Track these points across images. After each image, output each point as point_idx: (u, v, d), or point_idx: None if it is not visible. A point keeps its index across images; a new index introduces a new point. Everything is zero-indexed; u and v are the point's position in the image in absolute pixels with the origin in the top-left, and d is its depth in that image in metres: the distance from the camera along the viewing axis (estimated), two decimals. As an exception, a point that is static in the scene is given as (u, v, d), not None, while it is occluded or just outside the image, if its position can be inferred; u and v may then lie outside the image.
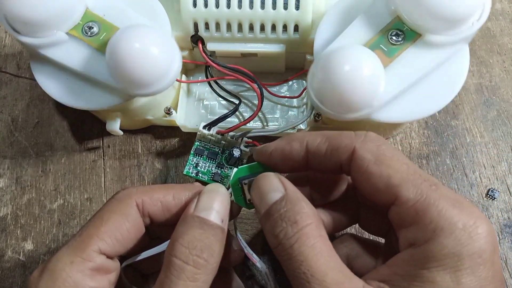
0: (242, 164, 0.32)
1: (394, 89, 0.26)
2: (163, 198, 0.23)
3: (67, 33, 0.28)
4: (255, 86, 0.32)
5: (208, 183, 0.31)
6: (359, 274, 0.19)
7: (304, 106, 0.36)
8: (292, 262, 0.18)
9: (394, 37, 0.27)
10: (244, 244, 0.26)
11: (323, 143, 0.22)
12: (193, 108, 0.36)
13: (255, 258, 0.26)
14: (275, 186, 0.21)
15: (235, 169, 0.31)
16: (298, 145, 0.22)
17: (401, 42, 0.26)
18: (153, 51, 0.26)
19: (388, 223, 0.24)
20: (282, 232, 0.19)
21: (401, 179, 0.19)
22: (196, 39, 0.32)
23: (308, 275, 0.18)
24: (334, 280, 0.18)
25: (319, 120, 0.33)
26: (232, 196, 0.24)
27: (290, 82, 0.36)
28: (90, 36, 0.28)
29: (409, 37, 0.26)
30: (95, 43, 0.28)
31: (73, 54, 0.28)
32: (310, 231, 0.19)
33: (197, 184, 0.25)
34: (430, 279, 0.18)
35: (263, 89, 0.33)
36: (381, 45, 0.27)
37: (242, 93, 0.36)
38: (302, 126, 0.34)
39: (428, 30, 0.26)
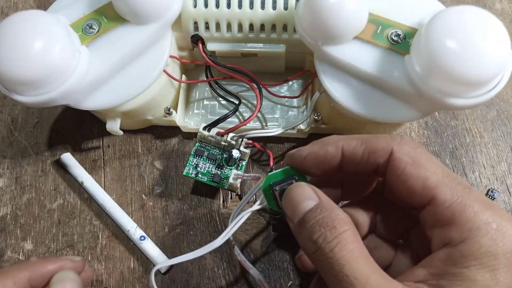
0: (241, 165, 0.32)
1: (342, 55, 0.26)
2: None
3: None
4: (254, 86, 0.32)
5: (207, 184, 0.32)
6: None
7: (304, 106, 0.36)
8: (334, 266, 0.19)
9: (394, 36, 0.27)
10: (237, 251, 0.26)
11: (359, 147, 0.22)
12: (193, 108, 0.36)
13: (248, 265, 0.26)
14: (308, 195, 0.21)
15: (234, 171, 0.32)
16: (334, 149, 0.22)
17: (392, 43, 0.27)
18: None
19: (406, 225, 0.25)
20: (321, 237, 0.19)
21: (437, 181, 0.20)
22: (196, 39, 0.32)
23: (351, 278, 0.18)
24: (376, 282, 0.18)
25: (319, 120, 0.33)
26: (265, 201, 0.24)
27: (290, 82, 0.36)
28: (98, 31, 0.28)
29: (401, 47, 0.27)
30: (109, 26, 0.28)
31: (108, 49, 0.28)
32: (348, 236, 0.19)
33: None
34: (471, 277, 0.18)
35: (263, 89, 0.33)
36: (380, 26, 0.27)
37: (242, 93, 0.36)
38: (302, 126, 0.34)
39: (415, 59, 0.26)
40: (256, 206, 0.25)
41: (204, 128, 0.32)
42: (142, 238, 0.32)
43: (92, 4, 0.29)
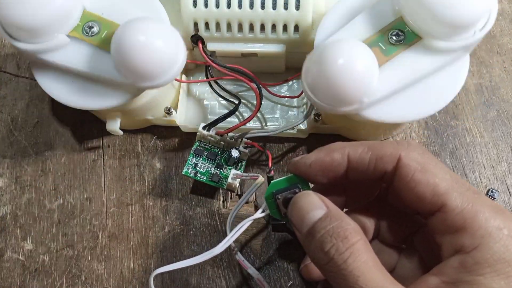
0: (240, 165, 0.32)
1: (387, 88, 0.26)
2: None
3: (67, 35, 0.28)
4: (254, 86, 0.32)
5: (207, 184, 0.32)
6: None
7: (304, 106, 0.36)
8: (348, 278, 0.18)
9: (394, 37, 0.27)
10: (236, 251, 0.26)
11: (366, 153, 0.22)
12: (193, 108, 0.36)
13: (246, 265, 0.26)
14: (316, 204, 0.21)
15: (233, 170, 0.32)
16: (340, 156, 0.22)
17: (401, 42, 0.26)
18: (158, 43, 0.26)
19: (410, 230, 0.24)
20: (333, 248, 0.19)
21: (447, 187, 0.20)
22: (196, 39, 0.32)
23: None
24: None
25: (319, 120, 0.33)
26: (268, 209, 0.24)
27: (290, 82, 0.36)
28: (91, 36, 0.28)
29: (409, 38, 0.26)
30: (97, 41, 0.28)
31: (76, 55, 0.28)
32: (361, 247, 0.19)
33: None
34: (486, 285, 0.18)
35: (263, 89, 0.33)
36: (380, 43, 0.27)
37: (242, 93, 0.36)
38: (302, 126, 0.34)
39: (428, 34, 0.26)
40: (258, 214, 0.25)
41: (204, 128, 0.32)
42: None
43: (115, 13, 0.28)
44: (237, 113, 0.35)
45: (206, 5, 0.31)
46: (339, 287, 0.19)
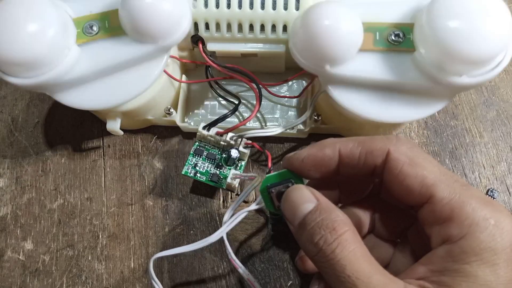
0: (240, 165, 0.32)
1: (356, 72, 0.26)
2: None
3: (77, 45, 0.28)
4: (254, 86, 0.32)
5: (207, 184, 0.32)
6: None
7: (305, 106, 0.36)
8: (336, 267, 0.19)
9: (393, 36, 0.27)
10: (228, 250, 0.26)
11: (356, 148, 0.22)
12: (193, 108, 0.36)
13: (237, 265, 0.27)
14: (307, 197, 0.21)
15: (232, 170, 0.32)
16: (331, 151, 0.23)
17: (395, 44, 0.27)
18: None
19: (404, 225, 0.25)
20: (322, 239, 0.19)
21: (435, 179, 0.20)
22: (196, 39, 0.32)
23: (353, 278, 0.18)
24: (379, 281, 0.19)
25: (318, 120, 0.33)
26: (263, 202, 0.25)
27: (290, 82, 0.36)
28: (97, 33, 0.28)
29: (406, 45, 0.26)
30: (106, 33, 0.28)
31: (96, 56, 0.28)
32: (349, 237, 0.19)
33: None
34: (472, 273, 0.19)
35: (263, 89, 0.33)
36: (377, 32, 0.27)
37: (242, 93, 0.36)
38: (301, 126, 0.34)
39: (424, 51, 0.26)
40: (253, 206, 0.25)
41: (204, 128, 0.32)
42: None
43: (102, 4, 0.29)
44: (237, 113, 0.35)
45: (206, 5, 0.31)
46: (329, 277, 0.19)
